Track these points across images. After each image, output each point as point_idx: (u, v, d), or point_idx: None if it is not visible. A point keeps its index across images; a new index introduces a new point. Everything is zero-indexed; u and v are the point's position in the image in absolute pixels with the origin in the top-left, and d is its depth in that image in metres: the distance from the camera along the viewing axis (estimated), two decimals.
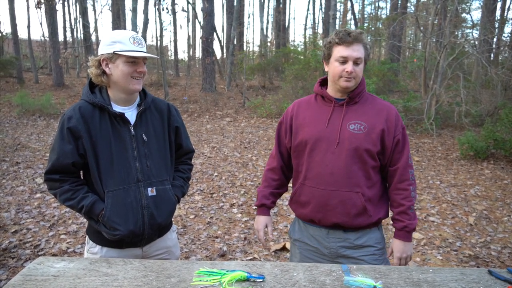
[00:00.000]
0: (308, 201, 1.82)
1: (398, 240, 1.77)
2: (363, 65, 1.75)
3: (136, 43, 1.63)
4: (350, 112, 1.77)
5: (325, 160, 1.75)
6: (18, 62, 15.03)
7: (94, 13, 24.45)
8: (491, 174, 6.17)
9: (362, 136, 1.72)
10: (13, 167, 6.00)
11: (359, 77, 1.74)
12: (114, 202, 1.63)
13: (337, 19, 21.42)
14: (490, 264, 3.44)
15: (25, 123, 9.65)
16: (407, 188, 1.74)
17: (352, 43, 1.70)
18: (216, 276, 1.40)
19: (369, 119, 1.75)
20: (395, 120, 1.76)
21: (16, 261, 3.30)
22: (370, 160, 1.74)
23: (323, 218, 1.79)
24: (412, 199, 1.74)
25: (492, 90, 10.46)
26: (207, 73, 15.02)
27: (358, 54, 1.70)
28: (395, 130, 1.75)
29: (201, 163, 6.53)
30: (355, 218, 1.75)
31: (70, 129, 1.60)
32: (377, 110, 1.78)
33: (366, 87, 1.89)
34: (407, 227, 1.74)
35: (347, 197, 1.73)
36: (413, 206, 1.75)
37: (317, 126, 1.79)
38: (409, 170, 1.76)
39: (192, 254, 3.55)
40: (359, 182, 1.73)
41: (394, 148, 1.75)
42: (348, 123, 1.75)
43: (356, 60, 1.71)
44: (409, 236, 1.76)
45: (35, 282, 1.35)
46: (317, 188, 1.77)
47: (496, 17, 14.13)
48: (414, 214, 1.76)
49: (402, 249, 1.77)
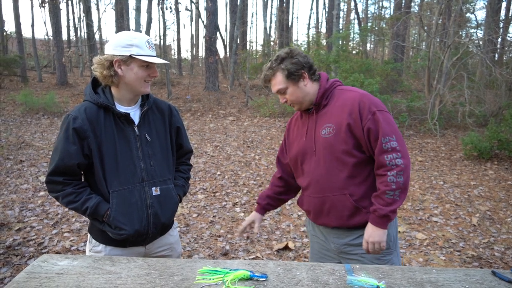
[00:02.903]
0: (308, 209, 1.92)
1: (369, 224, 1.71)
2: (291, 88, 1.76)
3: (151, 48, 1.64)
4: (320, 118, 1.80)
5: (311, 170, 1.82)
6: (22, 61, 15.09)
7: (97, 12, 24.60)
8: (495, 175, 6.14)
9: (332, 139, 1.73)
10: (17, 165, 6.03)
11: (295, 98, 1.78)
12: (120, 202, 1.63)
13: (341, 18, 21.38)
14: (493, 265, 3.43)
15: (29, 121, 9.69)
16: (383, 173, 1.66)
17: (268, 82, 1.82)
18: (219, 274, 1.40)
19: (336, 119, 1.74)
20: (360, 108, 1.68)
21: (20, 259, 3.31)
22: (350, 158, 1.72)
23: (323, 224, 1.86)
24: (389, 184, 1.64)
25: (497, 90, 10.41)
26: (210, 72, 15.03)
27: (275, 87, 1.78)
28: (362, 120, 1.67)
29: (204, 162, 6.54)
30: (350, 219, 1.76)
31: (76, 129, 1.58)
32: (341, 106, 1.74)
33: (370, 86, 1.90)
34: (376, 211, 1.67)
35: (336, 201, 1.76)
36: (390, 191, 1.64)
37: (300, 140, 1.87)
38: (385, 156, 1.65)
39: (194, 253, 3.55)
40: (344, 184, 1.73)
41: (367, 137, 1.68)
42: (321, 129, 1.78)
43: (278, 92, 1.79)
44: (380, 221, 1.66)
45: (39, 280, 1.36)
46: (311, 197, 1.84)
47: (500, 17, 14.06)
48: (392, 200, 1.64)
49: (369, 233, 1.70)
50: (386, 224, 1.69)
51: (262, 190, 2.16)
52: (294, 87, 1.77)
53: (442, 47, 10.12)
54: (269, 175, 5.88)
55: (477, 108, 9.10)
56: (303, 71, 1.77)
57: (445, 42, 9.81)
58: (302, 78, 1.77)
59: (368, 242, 1.70)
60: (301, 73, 1.76)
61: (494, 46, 10.80)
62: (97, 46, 16.48)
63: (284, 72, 1.75)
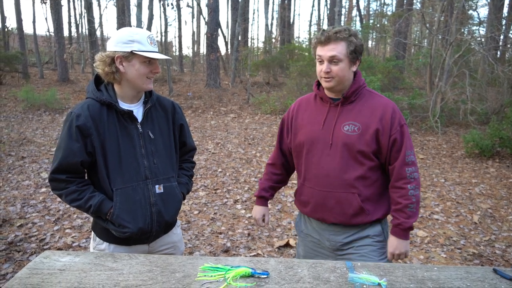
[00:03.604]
0: (307, 201, 1.86)
1: (393, 237, 1.76)
2: (344, 64, 1.69)
3: (152, 44, 1.64)
4: (344, 113, 1.75)
5: (321, 162, 1.77)
6: (23, 57, 15.07)
7: (99, 8, 24.58)
8: (496, 173, 6.13)
9: (356, 138, 1.70)
10: (18, 162, 6.04)
11: (339, 76, 1.69)
12: (123, 200, 1.63)
13: (343, 15, 21.32)
14: (494, 262, 3.43)
15: (30, 118, 9.70)
16: (404, 186, 1.71)
17: (326, 43, 1.68)
18: (220, 271, 1.40)
19: (364, 119, 1.72)
20: (391, 118, 1.70)
21: (22, 255, 3.33)
22: (366, 161, 1.72)
23: (322, 218, 1.83)
24: (410, 198, 1.70)
25: (498, 88, 10.37)
26: (211, 69, 15.01)
27: (333, 52, 1.66)
28: (391, 129, 1.70)
29: (205, 159, 6.54)
30: (352, 217, 1.76)
31: (79, 127, 1.57)
32: (372, 109, 1.73)
33: (371, 84, 1.87)
34: (401, 225, 1.71)
35: (343, 198, 1.74)
36: (411, 204, 1.71)
37: (313, 127, 1.80)
38: (406, 169, 1.70)
39: (195, 250, 3.56)
40: (355, 182, 1.72)
41: (391, 147, 1.71)
42: (343, 124, 1.73)
43: (331, 59, 1.67)
44: (403, 233, 1.73)
45: (41, 276, 1.36)
46: (315, 189, 1.80)
47: (503, 14, 14.00)
48: (412, 213, 1.71)
49: (395, 245, 1.74)
50: (409, 235, 1.75)
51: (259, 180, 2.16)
52: (347, 65, 1.70)
53: (444, 45, 10.09)
54: None
55: (479, 106, 9.08)
56: (359, 59, 1.73)
57: (447, 39, 9.77)
58: (355, 63, 1.73)
59: (394, 255, 1.75)
60: (359, 58, 1.72)
61: (496, 43, 10.76)
62: (98, 43, 16.47)
63: (351, 46, 1.68)
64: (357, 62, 1.73)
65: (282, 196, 4.92)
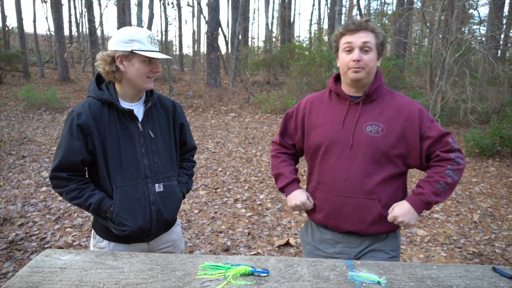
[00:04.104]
0: (321, 206, 1.71)
1: (406, 202, 1.60)
2: (374, 54, 1.59)
3: (153, 43, 1.64)
4: (366, 112, 1.63)
5: (339, 164, 1.63)
6: (24, 56, 15.08)
7: (99, 7, 24.53)
8: (497, 172, 6.13)
9: (380, 139, 1.58)
10: (19, 161, 6.05)
11: (369, 67, 1.57)
12: (123, 198, 1.64)
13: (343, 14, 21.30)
14: (494, 261, 3.43)
15: (31, 117, 9.71)
16: (444, 165, 1.57)
17: (357, 31, 1.58)
18: (220, 270, 1.41)
19: (388, 120, 1.60)
20: (419, 116, 1.60)
21: (22, 254, 3.33)
22: (389, 165, 1.60)
23: (336, 225, 1.69)
24: (445, 176, 1.55)
25: (499, 87, 10.36)
26: (211, 68, 15.01)
27: (365, 38, 1.56)
28: (421, 128, 1.59)
29: (206, 158, 6.55)
30: (371, 225, 1.63)
31: (80, 125, 1.58)
32: (396, 108, 1.62)
33: None
34: (422, 195, 1.57)
35: (362, 204, 1.60)
36: (444, 182, 1.55)
37: (331, 128, 1.66)
38: (451, 154, 1.58)
39: (196, 249, 3.57)
40: (376, 188, 1.60)
41: (429, 145, 1.59)
42: (365, 124, 1.61)
43: (363, 46, 1.56)
44: (420, 205, 1.58)
45: (42, 274, 1.37)
46: (331, 194, 1.66)
47: (504, 13, 13.98)
48: (440, 192, 1.56)
49: (404, 212, 1.58)
50: (422, 210, 1.60)
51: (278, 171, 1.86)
52: (375, 57, 1.60)
53: (445, 44, 10.08)
54: (270, 171, 5.88)
55: (479, 105, 9.07)
56: (382, 56, 1.65)
57: (448, 38, 9.76)
58: (379, 59, 1.64)
59: (397, 218, 1.58)
60: (382, 54, 1.65)
61: (497, 42, 10.74)
62: (99, 42, 16.47)
63: (379, 38, 1.60)
64: (381, 57, 1.64)
65: (282, 195, 4.93)
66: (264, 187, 5.21)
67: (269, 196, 4.89)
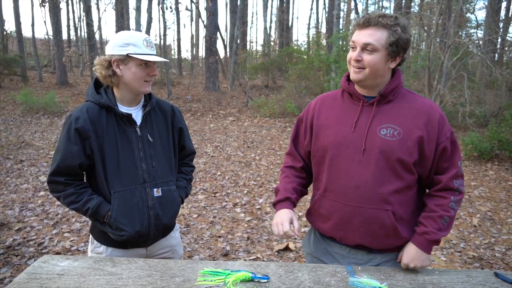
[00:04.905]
0: (328, 216, 1.57)
1: (413, 245, 1.48)
2: (380, 55, 1.42)
3: (149, 46, 1.63)
4: (381, 114, 1.49)
5: (350, 170, 1.49)
6: (22, 60, 15.10)
7: (98, 11, 24.62)
8: (495, 175, 6.13)
9: (395, 143, 1.44)
10: (17, 165, 6.02)
11: (371, 68, 1.43)
12: (121, 203, 1.63)
13: (341, 18, 21.37)
14: (494, 265, 3.42)
15: (29, 121, 9.68)
16: (447, 196, 1.47)
17: (365, 26, 1.43)
18: (220, 276, 1.40)
19: (405, 123, 1.46)
20: (439, 123, 1.46)
21: (20, 259, 3.31)
22: (405, 173, 1.46)
23: (344, 237, 1.55)
24: (449, 210, 1.46)
25: (497, 90, 10.40)
26: (210, 72, 15.04)
27: (368, 39, 1.41)
28: (439, 137, 1.46)
29: (204, 162, 6.53)
30: (382, 239, 1.50)
31: (78, 129, 1.58)
32: (415, 111, 1.47)
33: None
34: (428, 234, 1.45)
35: (374, 215, 1.46)
36: (448, 217, 1.46)
37: (341, 129, 1.52)
38: (455, 181, 1.47)
39: (195, 254, 3.55)
40: (390, 197, 1.46)
41: (439, 157, 1.47)
42: (379, 127, 1.47)
43: (365, 46, 1.42)
44: (427, 245, 1.46)
45: (40, 281, 1.35)
46: (339, 203, 1.51)
47: (500, 17, 14.07)
48: (444, 226, 1.46)
49: (412, 256, 1.46)
50: (431, 249, 1.49)
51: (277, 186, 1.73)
52: (383, 58, 1.44)
53: (442, 47, 10.11)
54: (269, 175, 5.87)
55: (478, 109, 9.09)
56: (401, 55, 1.48)
57: (445, 42, 9.80)
58: (394, 59, 1.47)
59: (408, 265, 1.48)
60: (400, 54, 1.47)
61: (494, 46, 10.80)
62: (97, 46, 16.47)
63: (393, 36, 1.41)
64: (398, 58, 1.47)
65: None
66: (263, 191, 5.20)
67: (268, 200, 4.88)
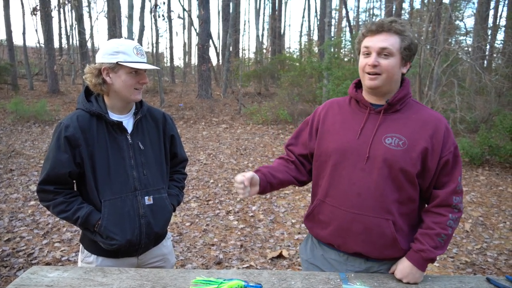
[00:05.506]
0: (327, 222, 1.56)
1: (407, 262, 1.45)
2: (395, 59, 1.43)
3: (139, 54, 1.63)
4: (387, 122, 1.48)
5: (352, 177, 1.48)
6: (13, 68, 14.99)
7: (90, 20, 24.49)
8: (486, 181, 6.19)
9: (399, 153, 1.43)
10: (6, 174, 5.94)
11: (388, 73, 1.43)
12: (111, 211, 1.61)
13: (332, 26, 21.60)
14: (486, 271, 3.44)
15: (19, 130, 9.58)
16: (445, 214, 1.45)
17: (378, 32, 1.44)
18: (213, 285, 1.38)
19: (411, 133, 1.45)
20: (444, 136, 1.45)
21: (8, 270, 3.25)
22: (407, 184, 1.45)
23: (343, 244, 1.54)
24: (446, 228, 1.44)
25: (486, 96, 10.55)
26: (203, 80, 15.04)
27: (384, 43, 1.41)
28: (443, 150, 1.44)
29: (197, 170, 6.51)
30: (382, 249, 1.49)
31: (68, 138, 1.56)
32: (422, 122, 1.46)
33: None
34: (423, 252, 1.43)
35: (374, 224, 1.45)
36: (445, 235, 1.44)
37: (346, 136, 1.52)
38: (454, 197, 1.46)
39: (187, 262, 3.51)
40: (391, 206, 1.45)
41: (440, 170, 1.46)
42: (385, 135, 1.46)
43: (381, 50, 1.42)
44: (422, 263, 1.44)
45: None
46: (340, 209, 1.50)
47: (488, 24, 14.32)
48: (441, 245, 1.44)
49: (407, 273, 1.45)
50: (426, 267, 1.47)
51: None
52: (398, 63, 1.45)
53: (433, 54, 10.23)
54: None
55: (468, 114, 9.20)
56: (410, 62, 1.49)
57: (435, 49, 9.93)
58: (406, 64, 1.48)
59: (402, 279, 1.47)
60: (410, 60, 1.48)
61: (483, 53, 10.96)
62: (89, 54, 16.41)
63: (405, 41, 1.43)
64: (408, 63, 1.49)
65: (274, 206, 4.90)
66: (256, 198, 5.18)
67: (261, 207, 4.86)
